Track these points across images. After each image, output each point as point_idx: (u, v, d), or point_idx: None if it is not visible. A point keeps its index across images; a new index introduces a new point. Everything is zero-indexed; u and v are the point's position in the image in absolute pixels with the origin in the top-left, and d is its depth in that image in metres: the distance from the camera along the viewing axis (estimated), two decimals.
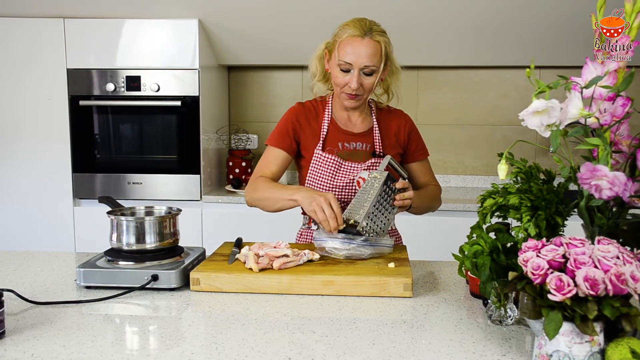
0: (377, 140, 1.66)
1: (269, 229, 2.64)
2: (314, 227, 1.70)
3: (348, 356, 0.95)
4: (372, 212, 1.44)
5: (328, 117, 1.66)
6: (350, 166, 1.62)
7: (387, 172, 1.49)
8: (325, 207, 1.40)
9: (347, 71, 1.53)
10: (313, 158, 1.63)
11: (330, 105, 1.67)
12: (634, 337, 0.85)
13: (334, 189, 1.62)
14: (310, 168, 1.64)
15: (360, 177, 1.60)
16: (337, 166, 1.62)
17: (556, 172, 1.11)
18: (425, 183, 1.76)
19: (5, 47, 2.84)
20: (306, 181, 1.66)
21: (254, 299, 1.24)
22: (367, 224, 1.42)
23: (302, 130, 1.66)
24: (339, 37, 1.54)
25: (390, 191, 1.49)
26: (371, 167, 1.61)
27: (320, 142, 1.63)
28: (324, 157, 1.62)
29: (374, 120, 1.68)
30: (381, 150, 1.65)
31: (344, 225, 1.43)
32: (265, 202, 1.57)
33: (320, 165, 1.62)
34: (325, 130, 1.65)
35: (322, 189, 1.63)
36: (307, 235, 1.72)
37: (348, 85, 1.54)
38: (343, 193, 1.63)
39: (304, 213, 1.74)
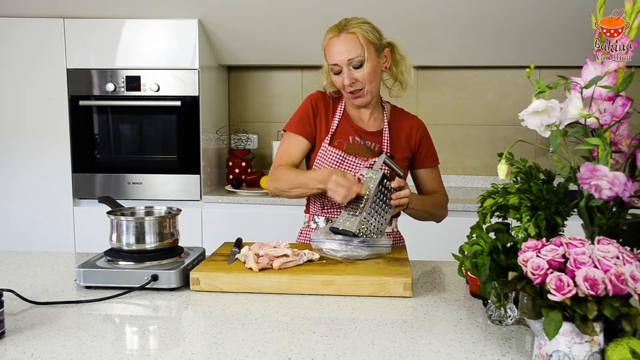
0: (386, 141, 1.66)
1: (269, 229, 2.64)
2: (312, 225, 1.71)
3: (348, 356, 0.95)
4: (368, 214, 1.44)
5: (341, 111, 1.67)
6: (354, 162, 1.62)
7: (382, 171, 1.49)
8: (342, 191, 1.45)
9: (339, 72, 1.56)
10: (320, 151, 1.64)
11: (344, 101, 1.69)
12: (634, 337, 0.85)
13: None
14: (315, 160, 1.65)
15: (361, 174, 1.60)
16: (340, 161, 1.62)
17: (556, 172, 1.11)
18: (432, 191, 1.75)
19: (5, 47, 2.84)
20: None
21: (254, 299, 1.24)
22: (360, 230, 1.43)
23: (319, 117, 1.67)
24: (323, 45, 1.59)
25: (386, 190, 1.49)
26: (373, 165, 1.62)
27: (329, 135, 1.64)
28: (330, 151, 1.63)
29: (386, 121, 1.69)
30: (389, 152, 1.66)
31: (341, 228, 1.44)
32: (293, 192, 1.58)
33: (325, 159, 1.63)
34: (336, 124, 1.66)
35: None
36: (306, 234, 1.73)
37: (344, 84, 1.56)
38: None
39: (306, 211, 1.75)
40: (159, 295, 1.28)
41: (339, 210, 1.66)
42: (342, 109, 1.68)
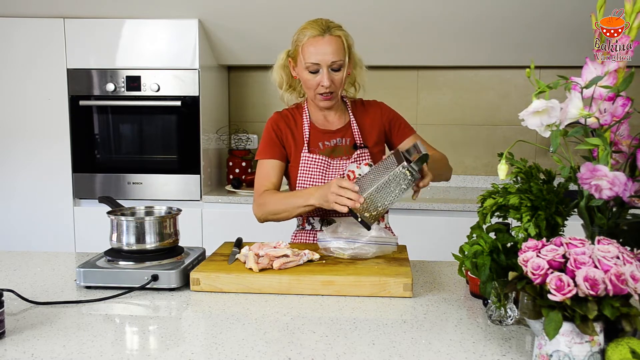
0: (356, 133, 1.68)
1: (269, 229, 2.63)
2: (307, 227, 1.72)
3: (348, 356, 0.95)
4: (373, 202, 1.39)
5: (307, 121, 1.69)
6: (339, 162, 1.64)
7: (410, 175, 1.38)
8: (342, 192, 1.36)
9: (316, 72, 1.56)
10: (301, 161, 1.66)
11: (306, 109, 1.71)
12: (634, 337, 0.85)
13: None
14: (299, 171, 1.66)
15: (349, 171, 1.60)
16: (325, 165, 1.64)
17: (556, 172, 1.11)
18: None
19: (5, 47, 2.84)
20: (297, 183, 1.67)
21: (254, 299, 1.24)
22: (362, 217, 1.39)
23: (284, 137, 1.69)
24: (301, 42, 1.58)
25: (408, 176, 1.39)
26: (357, 159, 1.63)
27: (305, 144, 1.66)
28: (312, 157, 1.64)
29: (350, 114, 1.70)
30: (362, 142, 1.67)
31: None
32: (282, 215, 1.58)
33: (310, 167, 1.65)
34: (307, 133, 1.67)
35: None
36: (301, 236, 1.74)
37: (320, 85, 1.56)
38: None
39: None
40: (159, 295, 1.28)
41: (333, 210, 1.66)
42: (308, 119, 1.69)
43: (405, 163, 1.36)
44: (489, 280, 1.10)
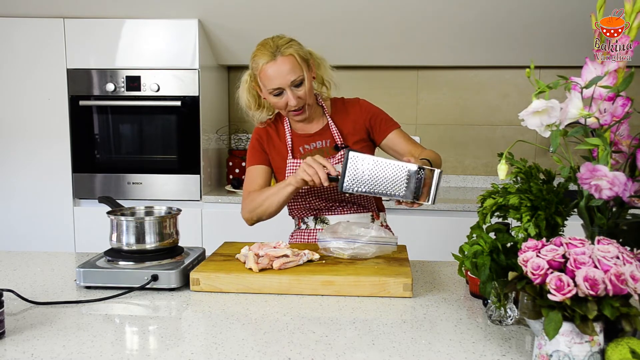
0: (336, 134, 1.68)
1: (269, 229, 2.64)
2: (302, 226, 1.73)
3: (348, 356, 0.95)
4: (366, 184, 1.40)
5: (289, 130, 1.71)
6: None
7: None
8: (314, 165, 1.44)
9: (280, 94, 1.57)
10: (287, 168, 1.68)
11: (287, 118, 1.72)
12: (633, 337, 0.85)
13: (311, 188, 1.65)
14: (286, 176, 1.67)
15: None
16: None
17: (556, 172, 1.11)
18: (411, 148, 1.67)
19: (5, 47, 2.84)
20: None
21: (254, 299, 1.24)
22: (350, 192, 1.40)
23: (267, 147, 1.72)
24: (257, 70, 1.58)
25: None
26: (341, 161, 1.63)
27: (289, 153, 1.68)
28: (296, 163, 1.67)
29: (328, 117, 1.71)
30: (342, 143, 1.67)
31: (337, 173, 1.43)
32: (265, 205, 1.59)
33: (294, 172, 1.65)
34: (290, 141, 1.69)
35: (301, 190, 1.65)
36: (297, 236, 1.76)
37: (289, 105, 1.57)
38: (320, 190, 1.65)
39: (291, 215, 1.76)
40: (159, 295, 1.28)
41: (325, 208, 1.69)
42: (289, 127, 1.71)
43: (417, 198, 1.43)
44: (489, 280, 1.10)
